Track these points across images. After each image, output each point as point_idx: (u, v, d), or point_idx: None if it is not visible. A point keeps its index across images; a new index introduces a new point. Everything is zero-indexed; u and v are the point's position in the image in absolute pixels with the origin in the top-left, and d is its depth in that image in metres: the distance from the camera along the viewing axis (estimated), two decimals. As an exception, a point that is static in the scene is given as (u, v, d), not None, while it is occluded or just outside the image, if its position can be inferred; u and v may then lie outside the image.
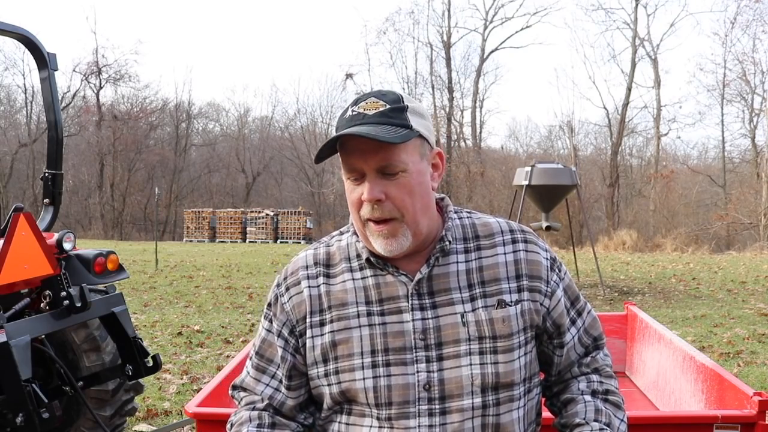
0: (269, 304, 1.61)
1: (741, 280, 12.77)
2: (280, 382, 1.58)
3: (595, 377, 1.60)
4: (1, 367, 3.07)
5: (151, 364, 3.75)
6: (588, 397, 1.55)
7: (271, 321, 1.59)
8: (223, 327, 8.21)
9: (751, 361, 6.42)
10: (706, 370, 2.86)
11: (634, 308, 4.23)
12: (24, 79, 36.99)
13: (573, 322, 1.60)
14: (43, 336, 3.55)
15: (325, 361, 1.50)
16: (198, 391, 4.73)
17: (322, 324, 1.52)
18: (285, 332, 1.56)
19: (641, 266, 15.86)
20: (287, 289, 1.58)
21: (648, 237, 24.66)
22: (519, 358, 1.49)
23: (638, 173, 33.19)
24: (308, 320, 1.53)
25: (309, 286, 1.55)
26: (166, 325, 8.29)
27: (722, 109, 31.31)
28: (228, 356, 6.60)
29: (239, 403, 1.63)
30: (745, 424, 2.14)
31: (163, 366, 4.15)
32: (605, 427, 1.50)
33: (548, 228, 11.40)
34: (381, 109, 1.42)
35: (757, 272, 14.21)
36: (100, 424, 3.72)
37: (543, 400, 1.67)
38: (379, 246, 1.45)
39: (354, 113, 1.43)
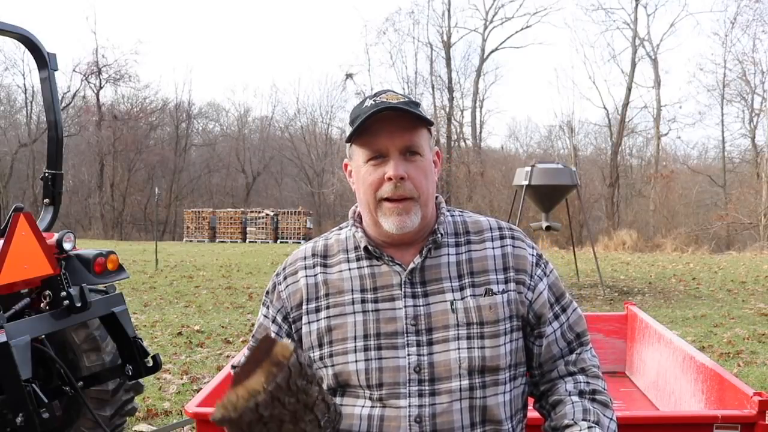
0: (267, 292, 1.71)
1: (741, 280, 12.77)
2: None
3: (581, 377, 1.63)
4: (1, 367, 3.07)
5: (151, 364, 3.76)
6: (576, 398, 1.58)
7: (267, 307, 1.70)
8: (223, 327, 8.22)
9: (751, 361, 6.43)
10: (706, 370, 2.86)
11: (634, 308, 4.23)
12: (24, 79, 37.03)
13: (556, 316, 1.64)
14: (43, 336, 3.55)
15: (321, 345, 1.58)
16: (198, 391, 4.73)
17: (317, 310, 1.61)
18: (279, 318, 1.66)
19: (641, 266, 15.87)
20: (285, 278, 1.68)
21: (648, 237, 24.67)
22: (505, 344, 1.56)
23: (638, 173, 33.18)
24: (304, 307, 1.62)
25: (306, 276, 1.64)
26: (166, 325, 8.29)
27: (722, 109, 31.32)
28: (228, 356, 6.60)
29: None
30: (745, 424, 2.14)
31: (163, 366, 4.16)
32: (594, 425, 1.52)
33: (548, 228, 11.41)
34: (401, 99, 1.56)
35: (757, 272, 14.22)
36: (100, 424, 3.72)
37: (532, 401, 1.70)
38: (392, 223, 1.54)
39: (377, 102, 1.55)
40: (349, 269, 1.62)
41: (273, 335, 1.62)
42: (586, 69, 40.13)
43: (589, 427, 1.51)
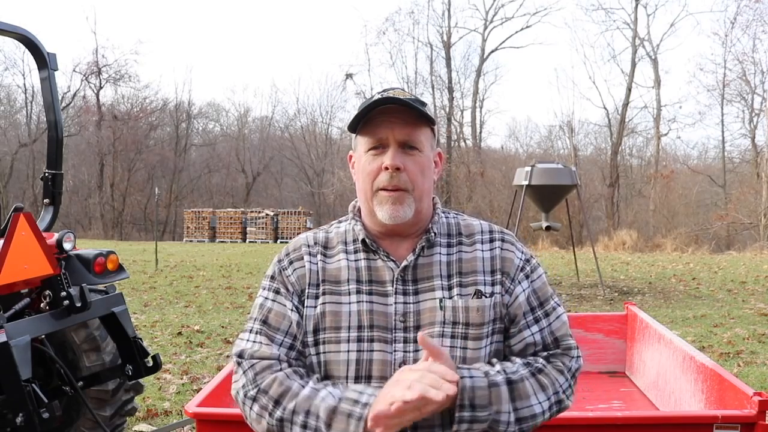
0: (272, 277, 1.68)
1: (741, 280, 12.77)
2: (290, 348, 1.59)
3: (540, 359, 1.58)
4: (1, 367, 3.07)
5: (151, 364, 3.76)
6: (517, 360, 1.56)
7: (276, 292, 1.65)
8: (223, 327, 8.22)
9: (751, 361, 6.43)
10: (706, 370, 2.86)
11: (634, 308, 4.23)
12: (24, 79, 37.03)
13: (536, 320, 1.62)
14: (43, 336, 3.55)
15: (316, 331, 1.60)
16: (198, 391, 4.73)
17: (316, 297, 1.63)
18: (295, 300, 1.64)
19: (641, 266, 15.87)
20: (290, 262, 1.68)
21: (648, 237, 24.66)
22: (486, 346, 1.59)
23: (638, 173, 33.19)
24: (307, 291, 1.64)
25: (310, 261, 1.67)
26: (166, 325, 8.29)
27: (722, 109, 31.36)
28: (228, 356, 6.60)
29: (246, 369, 1.57)
30: (745, 424, 2.14)
31: (163, 366, 4.16)
32: (503, 371, 1.50)
33: (548, 228, 11.42)
34: (409, 96, 1.60)
35: (757, 272, 14.22)
36: (100, 424, 3.72)
37: None
38: (386, 212, 1.58)
39: (385, 95, 1.59)
40: (347, 260, 1.64)
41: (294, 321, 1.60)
42: (586, 69, 40.32)
43: (497, 372, 1.49)
